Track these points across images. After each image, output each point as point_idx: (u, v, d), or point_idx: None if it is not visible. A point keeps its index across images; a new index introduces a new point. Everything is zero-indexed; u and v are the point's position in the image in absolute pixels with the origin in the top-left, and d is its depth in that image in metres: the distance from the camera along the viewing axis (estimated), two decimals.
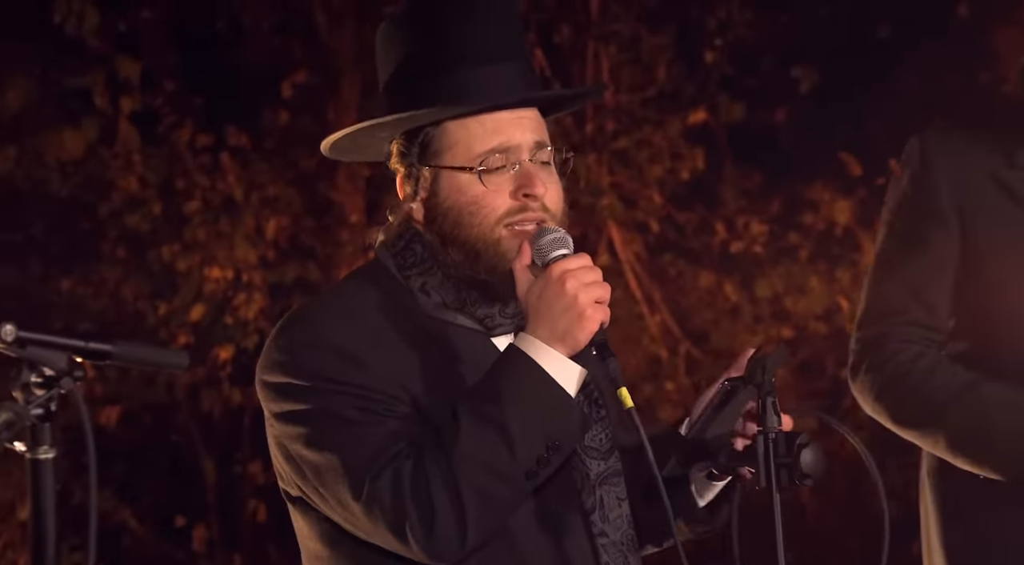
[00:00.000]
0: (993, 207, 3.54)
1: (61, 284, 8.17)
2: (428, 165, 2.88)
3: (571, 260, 2.76)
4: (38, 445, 2.32)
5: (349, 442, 2.78)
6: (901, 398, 3.52)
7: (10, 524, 6.60)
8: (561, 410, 2.77)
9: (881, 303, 3.59)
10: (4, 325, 2.31)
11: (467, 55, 2.88)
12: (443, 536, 2.74)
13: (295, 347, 2.86)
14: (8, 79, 8.14)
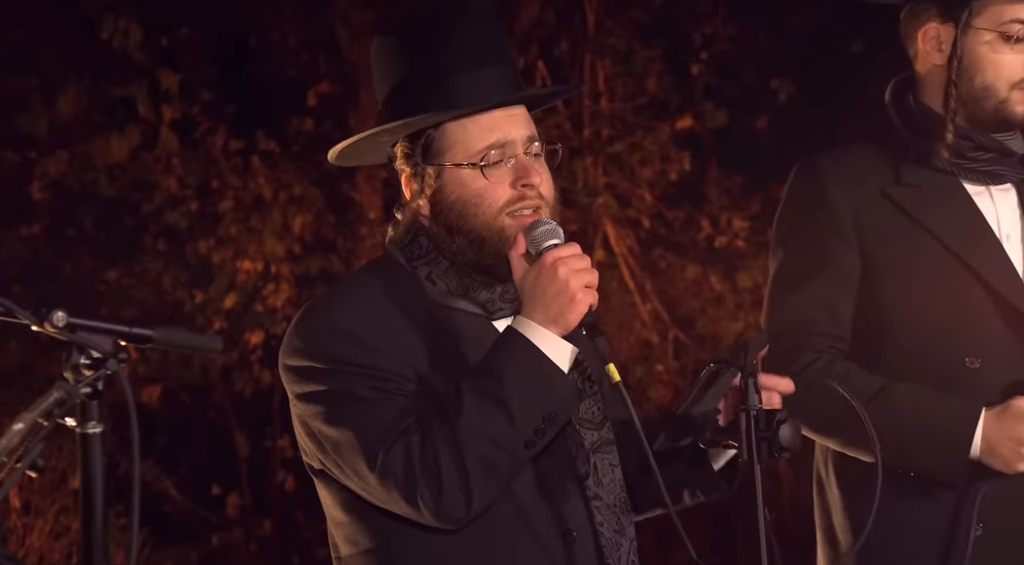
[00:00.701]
0: (884, 221, 3.49)
1: (107, 275, 8.18)
2: (432, 164, 2.87)
3: (562, 249, 2.76)
4: (87, 421, 2.32)
5: (363, 419, 2.78)
6: (816, 407, 3.39)
7: (63, 492, 6.59)
8: (556, 385, 2.76)
9: (791, 316, 3.51)
10: (56, 312, 2.31)
11: (459, 62, 2.87)
12: (450, 502, 2.74)
13: (313, 334, 2.86)
14: (61, 90, 8.14)
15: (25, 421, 2.28)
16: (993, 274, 3.47)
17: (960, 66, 3.44)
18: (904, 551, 3.50)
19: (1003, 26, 3.42)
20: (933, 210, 3.49)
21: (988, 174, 3.51)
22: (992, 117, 3.45)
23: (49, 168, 8.16)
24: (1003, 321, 3.47)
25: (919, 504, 3.47)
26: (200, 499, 8.61)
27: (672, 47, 9.01)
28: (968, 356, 3.47)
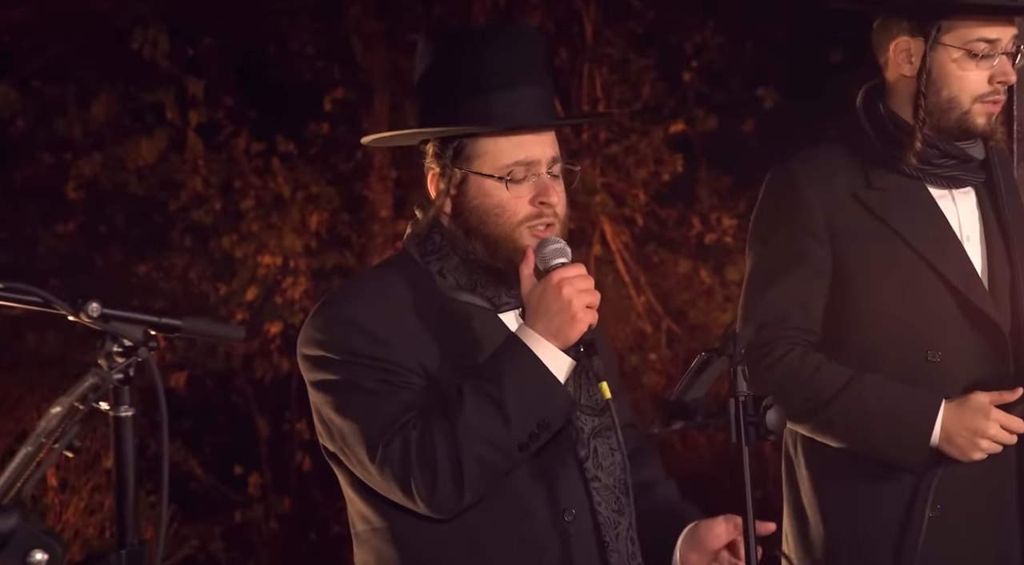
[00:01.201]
0: (855, 222, 3.48)
1: (138, 269, 8.18)
2: (460, 168, 2.87)
3: (569, 269, 2.77)
4: (119, 405, 2.32)
5: (367, 411, 2.79)
6: (792, 397, 3.39)
7: (97, 471, 6.60)
8: (552, 394, 2.77)
9: (767, 311, 3.51)
10: (90, 303, 2.31)
11: (498, 79, 2.86)
12: (443, 495, 2.75)
13: (328, 325, 2.87)
14: (94, 96, 8.15)
15: (62, 405, 2.28)
16: (955, 274, 3.48)
17: (928, 79, 3.44)
18: (866, 529, 3.52)
19: (969, 44, 3.44)
20: (900, 213, 3.50)
21: (951, 179, 3.53)
22: (956, 127, 3.47)
23: (83, 169, 8.16)
24: (963, 318, 3.49)
25: (881, 486, 3.49)
26: (223, 478, 8.61)
27: (665, 56, 9.00)
28: (930, 350, 3.48)
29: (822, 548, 3.55)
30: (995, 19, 3.41)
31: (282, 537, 8.46)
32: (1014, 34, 3.44)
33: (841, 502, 3.53)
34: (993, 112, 3.45)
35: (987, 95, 3.43)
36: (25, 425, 6.77)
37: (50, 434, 2.28)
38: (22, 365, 7.21)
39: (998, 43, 3.41)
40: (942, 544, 3.43)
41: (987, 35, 3.41)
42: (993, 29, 3.41)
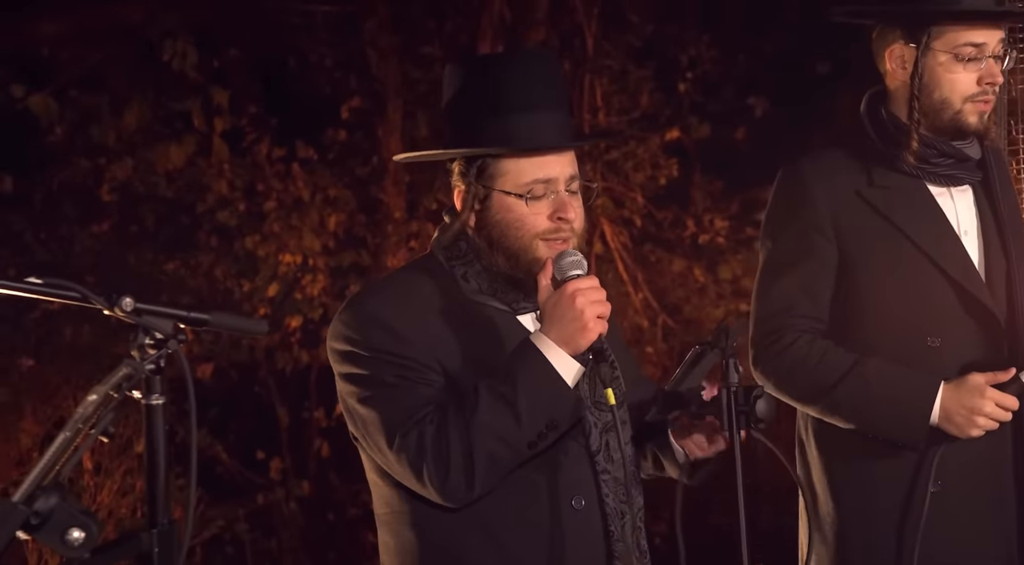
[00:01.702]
0: (859, 219, 3.52)
1: (167, 266, 8.17)
2: (483, 186, 2.88)
3: (584, 280, 2.78)
4: (151, 393, 2.33)
5: (387, 404, 2.80)
6: (799, 380, 3.49)
7: (129, 455, 6.60)
8: (561, 396, 2.78)
9: (777, 301, 3.55)
10: (124, 298, 2.31)
11: (520, 103, 2.88)
12: (454, 486, 2.77)
13: (356, 322, 2.88)
14: (127, 104, 8.14)
15: (97, 393, 2.29)
16: (953, 266, 3.49)
17: (921, 82, 3.46)
18: (872, 506, 3.53)
19: (957, 49, 3.45)
20: (901, 209, 3.51)
21: (949, 177, 3.53)
22: (950, 126, 3.48)
23: (116, 173, 8.16)
24: (960, 306, 3.50)
25: (885, 464, 3.51)
26: (247, 463, 8.61)
27: (661, 68, 8.99)
28: (930, 336, 3.49)
29: (831, 524, 3.56)
30: (981, 25, 3.43)
31: (302, 518, 8.46)
32: (1000, 38, 3.47)
33: (848, 480, 3.55)
34: (984, 111, 3.47)
35: (977, 95, 3.45)
36: (63, 412, 6.78)
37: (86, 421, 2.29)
38: (60, 356, 7.21)
39: (984, 47, 3.44)
40: (943, 519, 3.45)
41: (974, 39, 3.43)
42: (979, 34, 3.44)
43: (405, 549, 2.89)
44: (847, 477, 3.54)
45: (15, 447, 6.85)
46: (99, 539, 2.26)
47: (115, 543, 2.33)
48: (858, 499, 3.52)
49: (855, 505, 3.53)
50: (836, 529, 3.55)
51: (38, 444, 6.77)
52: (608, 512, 2.87)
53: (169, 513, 2.34)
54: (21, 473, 6.54)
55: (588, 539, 2.87)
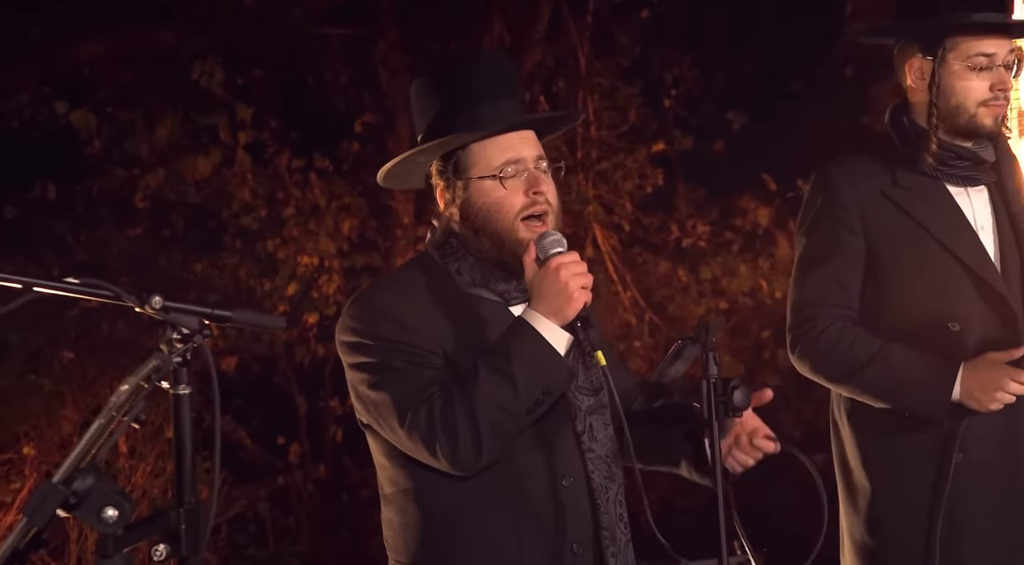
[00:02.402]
0: (884, 216, 3.56)
1: (195, 267, 8.18)
2: (460, 178, 2.87)
3: (565, 256, 2.77)
4: (178, 384, 2.33)
5: (397, 386, 2.79)
6: (833, 364, 3.54)
7: (161, 440, 6.61)
8: (553, 365, 2.77)
9: (812, 292, 3.59)
10: (154, 297, 2.31)
11: (480, 95, 2.88)
12: (464, 455, 2.76)
13: (362, 315, 2.87)
14: (159, 120, 8.15)
15: (129, 384, 2.29)
16: (970, 257, 3.54)
17: (938, 90, 3.50)
18: (901, 477, 3.56)
19: (969, 59, 3.51)
20: (922, 207, 3.56)
21: (966, 178, 3.58)
22: (966, 129, 3.53)
23: (149, 182, 8.16)
24: (978, 294, 3.53)
25: (912, 439, 3.54)
26: (268, 447, 8.62)
27: (648, 85, 9.00)
28: (950, 322, 3.53)
29: (864, 496, 3.60)
30: (991, 36, 3.48)
31: (318, 498, 8.46)
32: (1010, 48, 3.51)
33: (879, 454, 3.58)
34: (998, 113, 3.51)
35: (989, 100, 3.49)
36: (99, 401, 6.78)
37: (120, 408, 2.29)
38: (97, 350, 7.21)
39: (995, 57, 3.48)
40: (966, 487, 3.47)
41: (985, 50, 3.48)
42: (989, 44, 3.48)
43: (409, 524, 2.89)
44: (878, 451, 3.57)
45: (57, 432, 6.85)
46: (132, 517, 2.26)
47: (146, 520, 2.32)
48: (888, 471, 3.56)
49: (885, 478, 3.56)
50: (869, 499, 3.58)
51: (77, 429, 6.77)
52: (594, 487, 2.88)
53: (196, 493, 2.34)
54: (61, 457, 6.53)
55: (578, 512, 2.87)
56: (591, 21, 8.80)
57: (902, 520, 3.52)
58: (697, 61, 9.12)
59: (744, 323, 8.55)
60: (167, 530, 2.30)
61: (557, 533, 2.85)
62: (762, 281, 8.52)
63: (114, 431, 2.28)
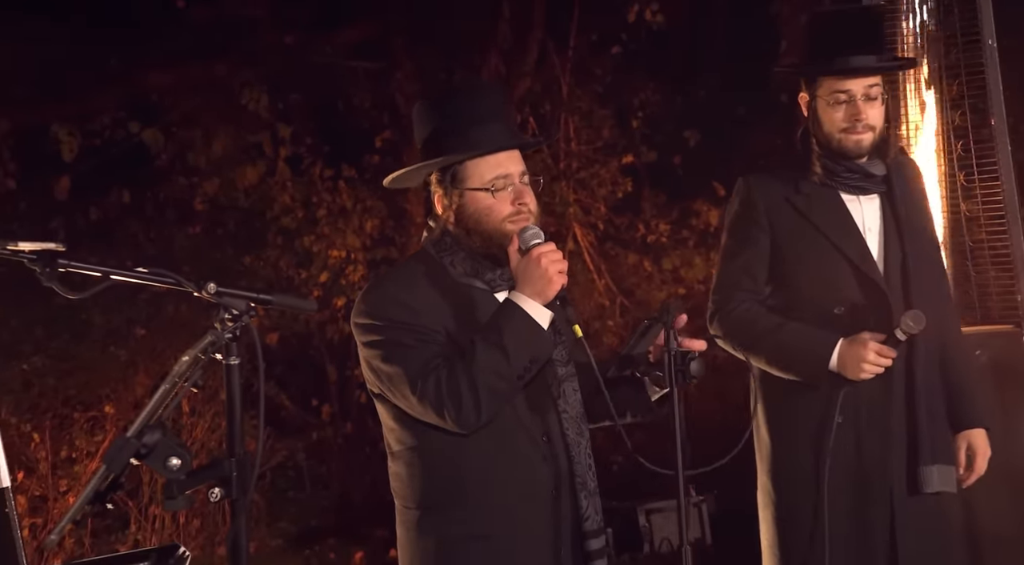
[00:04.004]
0: (787, 218, 3.59)
1: (243, 259, 8.18)
2: (456, 188, 2.86)
3: (544, 246, 2.77)
4: (230, 356, 2.32)
5: (407, 360, 2.78)
6: (739, 335, 3.57)
7: (215, 402, 6.60)
8: (538, 337, 2.77)
9: (727, 278, 3.63)
10: (210, 283, 2.31)
11: (475, 120, 2.85)
12: (466, 415, 2.75)
13: (374, 301, 2.87)
14: (215, 137, 8.15)
15: (190, 355, 2.28)
16: (853, 253, 3.56)
17: (814, 119, 3.53)
18: (794, 433, 3.57)
19: (832, 95, 3.52)
20: (818, 211, 3.57)
21: (857, 188, 3.59)
22: (837, 151, 3.56)
23: (206, 189, 8.16)
24: (858, 285, 3.55)
25: (804, 402, 3.54)
26: (304, 408, 8.62)
27: (619, 109, 9.00)
28: (836, 306, 3.54)
29: (766, 446, 3.63)
30: (848, 77, 3.48)
31: (346, 450, 8.47)
32: (869, 84, 3.49)
33: (777, 414, 3.60)
34: (859, 139, 3.50)
35: (847, 128, 3.48)
36: (166, 369, 6.76)
37: (182, 376, 2.29)
38: (163, 327, 7.21)
39: (852, 92, 3.49)
40: (845, 444, 3.48)
41: (842, 87, 3.49)
42: (848, 83, 3.48)
43: (415, 475, 2.88)
44: (776, 411, 3.60)
45: (131, 394, 6.85)
46: (192, 465, 2.26)
47: (204, 468, 2.32)
48: (784, 428, 3.58)
49: (782, 432, 3.59)
50: (769, 453, 3.61)
51: (148, 393, 6.76)
52: (569, 442, 2.88)
53: (244, 446, 2.34)
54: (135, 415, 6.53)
55: (556, 463, 2.87)
56: (572, 55, 8.80)
57: (794, 469, 3.54)
58: (659, 89, 9.12)
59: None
60: (221, 476, 2.31)
61: (540, 480, 2.84)
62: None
63: (177, 394, 2.28)
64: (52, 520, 6.27)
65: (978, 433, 3.58)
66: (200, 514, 6.71)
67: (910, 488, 3.46)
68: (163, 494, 2.25)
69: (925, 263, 3.54)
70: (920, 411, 3.47)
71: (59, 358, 7.02)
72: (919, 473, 3.45)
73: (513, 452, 2.83)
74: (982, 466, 3.58)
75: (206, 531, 6.73)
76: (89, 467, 6.51)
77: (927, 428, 3.47)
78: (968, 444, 3.57)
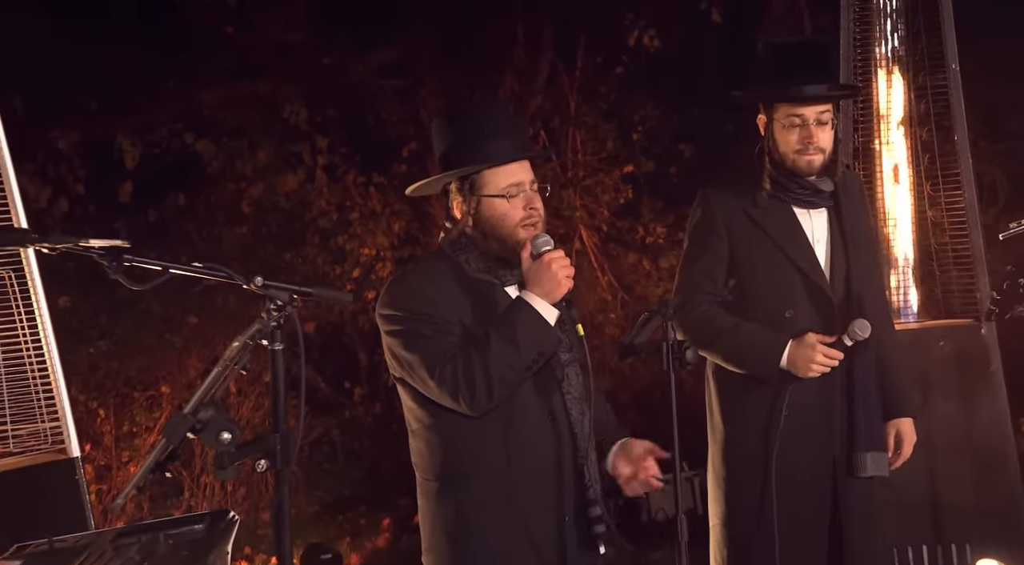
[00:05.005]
0: (743, 228, 3.56)
1: (285, 256, 8.20)
2: (474, 195, 2.87)
3: (554, 252, 2.79)
4: (274, 342, 2.34)
5: (427, 349, 2.79)
6: (698, 333, 3.52)
7: (260, 383, 6.62)
8: (546, 333, 2.78)
9: (688, 281, 3.60)
10: (257, 277, 2.33)
11: (487, 135, 2.86)
12: (480, 400, 2.76)
13: (400, 294, 2.88)
14: (260, 147, 8.17)
15: (239, 341, 2.29)
16: (802, 262, 3.53)
17: (770, 140, 3.52)
18: (744, 424, 3.55)
19: (786, 118, 3.51)
20: (772, 223, 3.54)
21: (808, 202, 3.55)
22: (791, 169, 3.53)
23: (252, 193, 8.17)
24: (806, 291, 3.53)
25: (755, 396, 3.52)
26: (338, 389, 8.63)
27: (621, 123, 8.98)
28: (786, 310, 3.51)
29: (719, 435, 3.59)
30: (801, 104, 3.45)
31: (375, 428, 8.48)
32: (820, 110, 3.46)
33: (731, 406, 3.57)
34: (810, 160, 3.47)
35: (800, 150, 3.47)
36: (216, 354, 6.80)
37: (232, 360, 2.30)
38: (213, 317, 7.23)
39: (804, 117, 3.46)
40: (791, 435, 3.45)
41: (796, 112, 3.47)
42: (800, 109, 3.45)
43: (434, 450, 2.89)
44: (730, 404, 3.58)
45: (185, 376, 6.87)
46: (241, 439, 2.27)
47: (251, 442, 2.34)
48: (736, 419, 3.56)
49: (733, 424, 3.56)
50: (722, 439, 3.59)
51: (200, 375, 6.79)
52: (572, 420, 2.88)
53: (287, 423, 2.35)
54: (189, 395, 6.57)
55: (560, 438, 2.88)
56: (579, 76, 8.79)
57: (745, 456, 3.53)
58: (657, 106, 9.10)
59: None
60: (266, 449, 2.32)
61: (546, 453, 2.85)
62: None
63: (228, 376, 2.29)
64: (115, 487, 6.30)
65: (906, 422, 3.60)
66: (245, 483, 6.73)
67: (848, 470, 3.48)
68: (215, 464, 2.26)
69: (866, 271, 3.54)
70: (857, 404, 3.47)
71: (121, 343, 7.05)
72: (854, 459, 3.46)
73: (522, 429, 2.84)
74: (908, 451, 3.60)
75: (251, 498, 6.75)
76: (147, 440, 6.54)
77: (863, 419, 3.48)
78: (897, 431, 3.58)
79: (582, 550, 2.86)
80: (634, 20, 8.55)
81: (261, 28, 8.38)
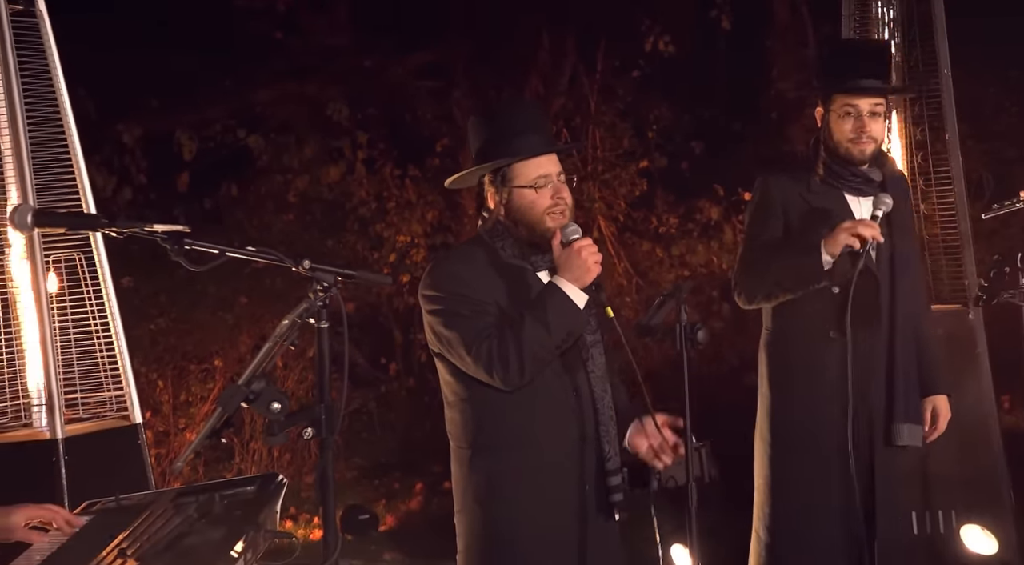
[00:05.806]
0: (799, 209, 3.55)
1: (327, 242, 8.22)
2: (506, 186, 2.86)
3: (584, 240, 2.77)
4: (320, 320, 2.34)
5: (465, 327, 2.78)
6: (754, 275, 3.52)
7: (305, 357, 6.65)
8: (575, 316, 2.77)
9: (748, 256, 3.59)
10: (304, 260, 2.33)
11: (518, 132, 2.85)
12: (512, 376, 2.75)
13: (441, 276, 2.87)
14: (305, 142, 8.20)
15: (289, 319, 2.30)
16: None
17: (826, 130, 3.50)
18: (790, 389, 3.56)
19: (842, 108, 3.47)
20: (824, 205, 3.54)
21: (858, 190, 3.58)
22: (844, 157, 3.53)
23: (298, 184, 8.20)
24: (853, 268, 3.42)
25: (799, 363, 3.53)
26: (375, 365, 8.66)
27: (637, 122, 8.95)
28: (834, 286, 3.50)
29: (767, 399, 3.64)
30: (857, 94, 3.45)
31: (409, 401, 8.51)
32: (873, 102, 3.45)
33: (777, 373, 3.60)
34: (863, 148, 3.47)
35: (853, 139, 3.46)
36: (265, 332, 6.84)
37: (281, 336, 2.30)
38: (262, 297, 7.27)
39: (858, 108, 3.45)
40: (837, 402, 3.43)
41: (851, 102, 3.45)
42: (855, 99, 3.45)
43: (468, 420, 2.89)
44: (777, 372, 3.60)
45: (236, 351, 6.92)
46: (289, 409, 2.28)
47: (299, 412, 2.35)
48: (782, 385, 3.57)
49: (780, 388, 3.58)
50: (769, 402, 3.61)
51: (251, 350, 6.83)
52: (596, 396, 2.88)
53: (330, 395, 2.36)
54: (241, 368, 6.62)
55: (583, 413, 2.88)
56: (599, 78, 8.76)
57: (788, 419, 3.55)
58: (671, 107, 9.05)
59: (700, 285, 8.50)
60: (312, 418, 2.32)
61: (570, 426, 2.85)
62: (713, 257, 8.48)
63: (277, 351, 2.30)
64: (173, 451, 6.36)
65: (941, 399, 3.59)
66: (291, 449, 6.77)
67: (886, 439, 3.48)
68: (265, 431, 2.28)
69: (909, 255, 3.55)
70: (898, 379, 3.47)
71: (179, 320, 7.10)
72: (892, 429, 3.47)
73: (548, 404, 2.84)
74: (943, 426, 3.60)
75: (295, 463, 6.79)
76: (202, 409, 6.59)
77: (902, 393, 3.48)
78: (933, 407, 3.58)
79: (600, 516, 2.87)
80: (650, 26, 8.51)
81: (308, 33, 8.39)
